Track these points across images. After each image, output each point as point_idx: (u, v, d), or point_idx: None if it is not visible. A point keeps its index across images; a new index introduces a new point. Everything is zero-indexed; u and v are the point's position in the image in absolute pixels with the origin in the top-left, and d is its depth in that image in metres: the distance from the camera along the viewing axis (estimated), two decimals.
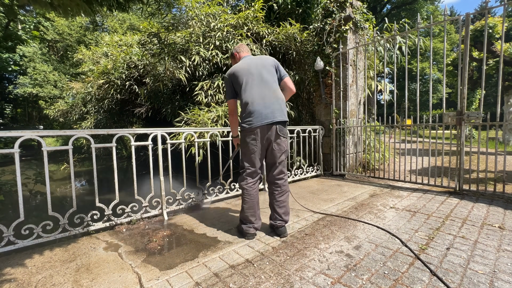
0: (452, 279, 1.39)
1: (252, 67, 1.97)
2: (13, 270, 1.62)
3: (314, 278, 1.44)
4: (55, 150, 2.64)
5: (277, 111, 1.90)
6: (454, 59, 12.70)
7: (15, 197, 1.90)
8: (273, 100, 1.91)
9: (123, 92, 7.11)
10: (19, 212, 1.85)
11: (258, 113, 1.86)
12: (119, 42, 8.47)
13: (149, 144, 2.56)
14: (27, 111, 21.64)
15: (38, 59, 17.13)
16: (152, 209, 2.58)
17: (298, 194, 3.31)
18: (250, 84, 1.92)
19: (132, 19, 18.82)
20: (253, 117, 1.87)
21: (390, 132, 4.79)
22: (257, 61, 2.01)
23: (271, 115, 1.88)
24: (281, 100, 1.96)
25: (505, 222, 2.17)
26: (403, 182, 3.76)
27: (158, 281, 1.46)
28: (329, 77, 4.56)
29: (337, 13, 4.35)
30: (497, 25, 8.78)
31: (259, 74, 1.95)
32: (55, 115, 10.00)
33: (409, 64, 13.85)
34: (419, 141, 10.17)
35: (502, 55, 2.83)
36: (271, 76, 1.98)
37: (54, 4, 1.86)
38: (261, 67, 1.97)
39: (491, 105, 21.21)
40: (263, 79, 1.94)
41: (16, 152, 1.88)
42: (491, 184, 3.39)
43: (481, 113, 2.95)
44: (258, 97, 1.89)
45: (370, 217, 2.39)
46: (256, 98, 1.89)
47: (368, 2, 19.52)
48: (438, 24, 3.47)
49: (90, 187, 8.64)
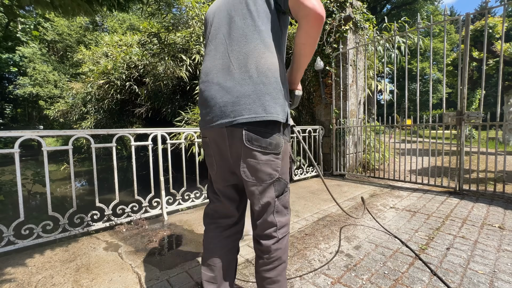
0: (452, 279, 1.39)
1: (221, 6, 1.04)
2: (13, 270, 1.62)
3: (314, 278, 1.44)
4: (55, 150, 2.64)
5: (248, 98, 0.89)
6: (454, 59, 12.71)
7: (15, 197, 1.90)
8: (243, 75, 0.91)
9: (123, 92, 7.12)
10: (19, 212, 1.86)
11: (212, 103, 0.95)
12: (119, 42, 8.47)
13: (149, 144, 2.56)
14: (27, 111, 21.67)
15: (38, 59, 17.15)
16: (152, 209, 2.58)
17: (298, 194, 3.31)
18: (209, 42, 1.05)
19: (132, 19, 18.84)
20: (205, 109, 0.99)
21: (390, 132, 4.79)
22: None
23: (231, 108, 0.90)
24: (263, 74, 0.91)
25: (505, 222, 2.17)
26: (403, 182, 3.76)
27: (158, 281, 1.46)
28: (329, 77, 4.56)
29: (337, 13, 4.35)
30: (497, 25, 8.79)
31: (227, 17, 0.99)
32: (55, 115, 10.02)
33: (409, 64, 13.86)
34: (419, 141, 10.17)
35: (502, 55, 2.83)
36: (247, 18, 0.95)
37: (55, 4, 1.86)
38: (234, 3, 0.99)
39: (491, 105, 21.21)
40: (232, 27, 0.97)
41: (16, 152, 1.88)
42: (491, 184, 3.39)
43: (481, 113, 2.95)
44: (217, 68, 0.96)
45: (370, 217, 2.39)
46: (213, 71, 0.97)
47: (368, 2, 19.54)
48: (438, 24, 3.47)
49: (90, 187, 8.65)
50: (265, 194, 0.96)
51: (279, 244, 0.98)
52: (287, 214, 1.03)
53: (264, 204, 0.96)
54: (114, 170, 2.42)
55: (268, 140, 0.91)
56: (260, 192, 0.95)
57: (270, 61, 0.92)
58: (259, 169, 0.93)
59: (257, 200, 0.97)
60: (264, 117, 0.89)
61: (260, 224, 0.99)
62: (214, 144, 1.00)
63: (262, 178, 0.94)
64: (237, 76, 0.91)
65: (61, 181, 9.57)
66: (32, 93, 16.68)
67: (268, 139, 0.91)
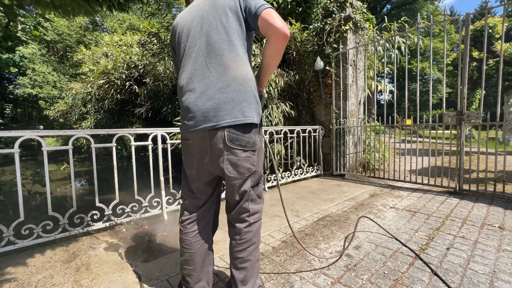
0: (452, 279, 1.39)
1: (196, 20, 1.13)
2: (13, 270, 1.62)
3: (314, 278, 1.44)
4: (55, 150, 2.64)
5: (227, 105, 1.04)
6: (454, 59, 12.71)
7: (15, 197, 1.90)
8: (221, 83, 1.05)
9: (123, 92, 7.13)
10: (19, 212, 1.86)
11: (192, 109, 1.07)
12: (119, 42, 8.48)
13: (149, 144, 2.56)
14: (27, 111, 21.67)
15: (37, 60, 17.15)
16: (152, 209, 2.58)
17: (298, 194, 3.31)
18: (186, 54, 1.13)
19: (132, 19, 18.84)
20: (187, 115, 1.10)
21: (390, 132, 4.79)
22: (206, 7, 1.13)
23: (213, 114, 1.04)
24: (240, 82, 1.06)
25: (505, 222, 2.17)
26: (403, 182, 3.76)
27: (158, 281, 1.46)
28: (329, 77, 4.56)
29: (337, 13, 4.35)
30: (497, 25, 8.79)
31: (202, 32, 1.10)
32: (55, 116, 10.02)
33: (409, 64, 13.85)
34: (419, 141, 10.17)
35: (502, 55, 2.83)
36: (223, 34, 1.08)
37: (55, 4, 1.86)
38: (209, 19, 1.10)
39: (491, 105, 21.22)
40: (209, 41, 1.08)
41: (16, 152, 1.88)
42: (491, 184, 3.39)
43: (481, 113, 2.95)
44: (197, 78, 1.08)
45: (370, 217, 2.39)
46: (193, 81, 1.09)
47: (368, 2, 19.53)
48: (438, 24, 3.47)
49: (90, 187, 8.64)
50: (243, 185, 1.12)
51: (250, 227, 1.15)
52: (260, 203, 1.20)
53: (241, 193, 1.13)
54: (114, 170, 2.42)
55: (247, 139, 1.08)
56: (239, 184, 1.12)
57: (245, 71, 1.09)
58: (240, 164, 1.09)
59: (236, 190, 1.13)
60: (243, 121, 1.05)
61: (236, 210, 1.16)
62: (196, 146, 1.12)
63: (242, 172, 1.10)
64: (217, 85, 1.05)
65: (61, 181, 9.56)
66: (32, 93, 16.69)
67: (247, 138, 1.08)
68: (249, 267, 1.15)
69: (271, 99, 4.98)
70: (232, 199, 1.16)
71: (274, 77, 4.86)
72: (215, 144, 1.07)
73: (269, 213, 2.60)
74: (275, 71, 4.95)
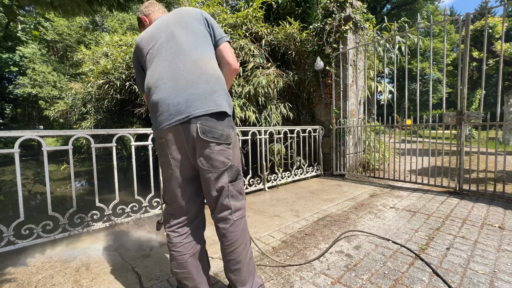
0: (452, 279, 1.39)
1: (161, 28, 1.18)
2: (13, 270, 1.62)
3: (314, 278, 1.44)
4: (55, 150, 2.65)
5: (200, 96, 1.05)
6: (454, 59, 12.71)
7: (15, 197, 1.90)
8: (193, 77, 1.07)
9: (123, 92, 7.12)
10: (19, 212, 1.86)
11: (165, 104, 1.06)
12: (119, 42, 8.47)
13: (149, 144, 2.56)
14: (27, 111, 21.67)
15: (37, 59, 17.14)
16: (152, 209, 2.58)
17: (298, 194, 3.31)
18: (152, 59, 1.15)
19: (132, 19, 18.83)
20: (158, 112, 1.09)
21: (390, 132, 4.79)
22: (170, 18, 1.20)
23: (185, 105, 1.04)
24: (210, 76, 1.10)
25: (505, 222, 2.17)
26: (403, 182, 3.76)
27: (158, 281, 1.46)
28: (329, 77, 4.56)
29: (337, 13, 4.35)
30: (497, 25, 8.79)
31: (170, 34, 1.15)
32: (54, 116, 10.02)
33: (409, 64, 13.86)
34: (419, 141, 10.17)
35: (502, 55, 2.83)
36: (191, 35, 1.14)
37: (55, 4, 1.86)
38: (174, 23, 1.17)
39: (491, 105, 21.22)
40: (177, 42, 1.13)
41: (16, 152, 1.88)
42: (491, 184, 3.39)
43: (481, 113, 2.95)
44: (166, 75, 1.09)
45: (370, 217, 2.39)
46: (162, 78, 1.09)
47: (368, 2, 19.53)
48: (438, 24, 3.47)
49: (90, 187, 8.64)
50: (220, 180, 1.09)
51: (234, 227, 1.11)
52: (242, 200, 1.16)
53: (219, 188, 1.09)
54: (114, 170, 2.42)
55: (220, 132, 1.07)
56: (215, 179, 1.09)
57: (214, 66, 1.15)
58: (213, 157, 1.07)
59: (213, 185, 1.09)
60: (215, 109, 1.06)
61: (217, 209, 1.13)
62: (171, 143, 1.09)
63: (216, 165, 1.07)
64: (189, 79, 1.07)
65: (61, 181, 9.56)
66: (32, 93, 16.68)
67: (220, 130, 1.07)
68: (242, 268, 1.12)
69: (270, 100, 4.98)
70: (209, 196, 1.12)
71: (273, 77, 4.86)
72: (189, 138, 1.06)
73: (269, 213, 2.60)
74: (273, 72, 4.95)
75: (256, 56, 5.12)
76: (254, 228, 2.21)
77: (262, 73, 4.88)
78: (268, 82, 4.74)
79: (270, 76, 4.82)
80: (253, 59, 5.06)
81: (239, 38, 5.07)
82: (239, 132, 3.34)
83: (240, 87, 4.91)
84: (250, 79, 4.84)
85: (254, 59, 5.07)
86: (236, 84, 4.94)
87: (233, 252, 1.11)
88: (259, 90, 4.72)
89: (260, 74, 4.82)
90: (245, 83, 4.93)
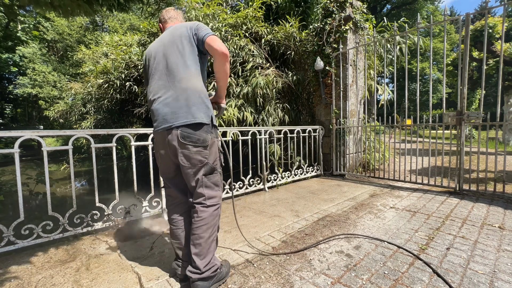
0: (452, 279, 1.39)
1: (159, 48, 1.47)
2: (13, 270, 1.62)
3: (314, 278, 1.44)
4: (55, 150, 2.65)
5: (181, 110, 1.35)
6: (454, 59, 12.71)
7: (15, 197, 1.90)
8: (176, 94, 1.37)
9: (123, 92, 7.12)
10: (19, 212, 1.86)
11: (157, 114, 1.40)
12: (119, 42, 8.47)
13: (149, 144, 2.56)
14: (27, 111, 21.66)
15: (38, 59, 17.14)
16: (152, 209, 2.58)
17: (298, 194, 3.31)
18: (152, 73, 1.47)
19: (132, 19, 18.83)
20: (154, 118, 1.44)
21: (390, 132, 4.79)
22: (166, 37, 1.48)
23: (170, 116, 1.35)
24: (190, 92, 1.37)
25: (505, 222, 2.17)
26: (403, 182, 3.76)
27: (158, 281, 1.46)
28: (329, 77, 4.56)
29: (337, 13, 4.35)
30: (497, 25, 8.79)
31: (164, 55, 1.43)
32: (54, 116, 10.02)
33: (409, 64, 13.86)
34: (419, 141, 10.17)
35: (502, 55, 2.83)
36: (178, 57, 1.41)
37: (55, 4, 1.86)
38: (168, 46, 1.43)
39: (491, 105, 21.21)
40: (168, 62, 1.41)
41: (16, 152, 1.88)
42: (491, 184, 3.39)
43: (481, 113, 2.95)
44: (160, 91, 1.41)
45: (370, 217, 2.39)
46: (157, 92, 1.42)
47: (368, 2, 19.52)
48: (438, 24, 3.47)
49: (90, 187, 8.64)
50: (197, 174, 1.39)
51: (206, 209, 1.39)
52: (218, 190, 1.45)
53: (196, 180, 1.39)
54: (114, 170, 2.42)
55: (196, 137, 1.36)
56: (193, 173, 1.39)
57: (195, 84, 1.40)
58: (192, 157, 1.36)
59: (191, 178, 1.40)
60: (192, 121, 1.34)
61: (195, 195, 1.42)
62: (160, 143, 1.43)
63: (194, 163, 1.37)
64: (174, 95, 1.37)
65: (61, 181, 9.56)
66: (32, 93, 16.68)
67: (197, 136, 1.35)
68: (203, 243, 1.34)
69: (268, 101, 4.98)
70: (190, 185, 1.42)
71: (272, 78, 4.86)
72: (171, 141, 1.36)
73: (269, 213, 2.60)
74: (272, 73, 4.95)
75: (256, 56, 5.13)
76: (254, 228, 2.21)
77: (261, 73, 4.88)
78: (267, 82, 4.74)
79: (269, 76, 4.82)
80: (253, 58, 5.06)
81: (239, 39, 5.07)
82: (238, 132, 3.34)
83: (239, 87, 4.91)
84: (249, 79, 4.84)
85: (254, 59, 5.07)
86: (234, 84, 4.95)
87: (198, 228, 1.35)
88: (258, 91, 4.73)
89: (259, 74, 4.82)
90: (243, 83, 4.93)
